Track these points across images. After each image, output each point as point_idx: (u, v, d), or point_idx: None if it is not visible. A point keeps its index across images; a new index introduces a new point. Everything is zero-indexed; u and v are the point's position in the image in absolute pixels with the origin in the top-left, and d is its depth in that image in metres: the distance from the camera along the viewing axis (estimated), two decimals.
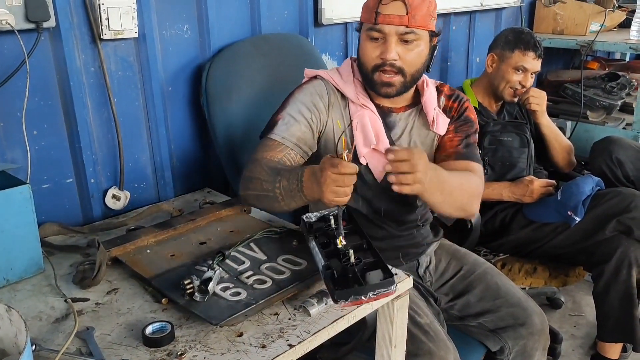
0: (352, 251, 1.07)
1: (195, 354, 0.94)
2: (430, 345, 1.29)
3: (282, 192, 1.21)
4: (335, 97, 1.42)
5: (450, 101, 1.48)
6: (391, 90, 1.35)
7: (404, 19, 1.28)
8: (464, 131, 1.45)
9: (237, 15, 1.78)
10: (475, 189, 1.37)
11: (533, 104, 2.10)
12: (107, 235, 1.40)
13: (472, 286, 1.54)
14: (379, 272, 1.05)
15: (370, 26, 1.31)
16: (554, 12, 3.00)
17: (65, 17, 1.39)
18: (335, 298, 1.00)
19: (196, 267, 1.18)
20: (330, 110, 1.40)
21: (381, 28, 1.30)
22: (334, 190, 1.08)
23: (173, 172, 1.73)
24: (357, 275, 1.04)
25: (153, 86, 1.60)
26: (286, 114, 1.36)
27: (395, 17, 1.28)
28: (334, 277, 1.05)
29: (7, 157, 1.38)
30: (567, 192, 1.93)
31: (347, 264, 1.06)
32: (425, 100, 1.43)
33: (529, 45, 2.04)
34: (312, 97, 1.39)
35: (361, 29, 1.38)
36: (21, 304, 1.10)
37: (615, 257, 1.84)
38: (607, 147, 2.18)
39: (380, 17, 1.29)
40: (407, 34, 1.30)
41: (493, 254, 2.09)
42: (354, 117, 1.40)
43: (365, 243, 1.17)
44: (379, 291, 1.01)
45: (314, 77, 1.45)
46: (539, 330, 1.47)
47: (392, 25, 1.28)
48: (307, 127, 1.36)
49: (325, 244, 1.18)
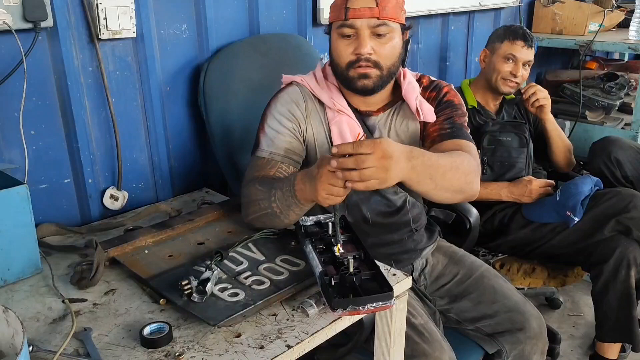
0: (352, 260, 1.07)
1: (193, 354, 0.93)
2: (425, 347, 1.28)
3: (278, 205, 1.20)
4: (312, 102, 1.39)
5: (427, 92, 1.43)
6: (368, 82, 1.31)
7: (375, 11, 1.25)
8: (445, 113, 1.39)
9: (236, 15, 1.77)
10: (470, 167, 1.26)
11: (541, 99, 2.10)
12: (105, 235, 1.40)
13: (468, 291, 1.51)
14: (377, 284, 1.04)
15: (340, 23, 1.28)
16: (552, 12, 3.00)
17: (62, 17, 1.39)
18: (334, 306, 0.99)
19: (194, 267, 1.17)
20: (308, 118, 1.38)
21: (352, 23, 1.27)
22: (328, 189, 1.07)
23: (171, 172, 1.72)
24: (355, 285, 1.03)
25: (151, 86, 1.60)
26: (268, 128, 1.35)
27: (365, 10, 1.25)
28: (332, 284, 1.04)
29: (5, 157, 1.38)
30: (566, 192, 1.93)
31: (345, 272, 1.06)
32: (405, 92, 1.39)
33: (517, 34, 2.07)
34: (288, 106, 1.37)
35: (331, 30, 1.34)
36: (18, 304, 1.10)
37: (614, 257, 1.84)
38: (606, 147, 2.18)
39: (350, 12, 1.26)
40: (379, 26, 1.27)
41: (492, 254, 2.09)
42: (332, 123, 1.37)
43: (362, 254, 1.15)
44: (378, 304, 1.00)
45: (289, 84, 1.42)
46: (536, 334, 1.45)
47: (364, 19, 1.26)
48: (291, 137, 1.35)
49: (322, 250, 1.17)
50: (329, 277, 1.05)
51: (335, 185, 1.06)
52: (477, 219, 1.78)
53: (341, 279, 1.05)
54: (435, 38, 2.64)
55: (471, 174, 1.25)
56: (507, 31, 2.09)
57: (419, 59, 2.56)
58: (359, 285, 1.04)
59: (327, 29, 1.37)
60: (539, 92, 2.10)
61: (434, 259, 1.59)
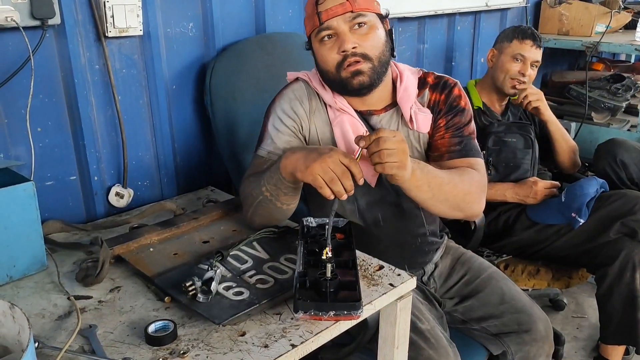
0: (329, 265, 1.04)
1: (198, 352, 0.94)
2: (430, 353, 1.27)
3: (267, 188, 1.20)
4: (316, 100, 1.38)
5: (435, 94, 1.39)
6: (364, 78, 1.28)
7: (347, 5, 1.24)
8: (455, 126, 1.37)
9: (242, 14, 1.77)
10: (471, 186, 1.28)
11: (533, 101, 2.09)
12: (110, 233, 1.40)
13: (476, 291, 1.50)
14: (349, 294, 1.03)
15: (317, 29, 1.27)
16: (559, 12, 2.99)
17: (70, 15, 1.39)
18: (295, 308, 0.99)
19: (199, 266, 1.18)
20: (311, 117, 1.37)
21: (329, 24, 1.25)
22: (325, 170, 1.07)
23: (176, 170, 1.73)
24: (327, 290, 1.02)
25: (157, 84, 1.60)
26: (270, 126, 1.35)
27: (337, 7, 1.24)
28: (305, 286, 1.04)
29: (11, 154, 1.38)
30: (571, 193, 1.92)
31: (322, 277, 1.04)
32: (399, 99, 1.36)
33: (526, 34, 2.06)
34: (291, 104, 1.36)
35: (311, 43, 1.33)
36: (24, 301, 1.10)
37: (619, 259, 1.84)
38: (612, 149, 2.17)
39: (322, 14, 1.25)
40: (355, 18, 1.25)
41: (496, 255, 2.09)
42: (334, 124, 1.35)
43: (351, 262, 1.13)
44: (341, 312, 0.99)
45: (295, 80, 1.41)
46: (543, 337, 1.44)
47: (338, 16, 1.24)
48: (292, 136, 1.34)
49: (314, 252, 1.15)
50: (305, 279, 1.05)
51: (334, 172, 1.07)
52: (482, 219, 1.77)
53: (316, 283, 1.04)
54: (441, 38, 2.63)
55: (472, 194, 1.28)
56: (516, 31, 2.08)
57: (424, 59, 2.56)
58: (331, 292, 1.02)
59: (307, 45, 1.35)
60: (531, 95, 2.09)
61: (442, 261, 1.58)
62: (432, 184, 1.20)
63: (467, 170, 1.31)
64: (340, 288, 1.04)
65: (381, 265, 1.21)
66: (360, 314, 1.00)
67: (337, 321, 1.01)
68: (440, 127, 1.38)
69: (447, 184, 1.24)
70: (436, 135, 1.39)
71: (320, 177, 1.08)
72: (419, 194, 1.20)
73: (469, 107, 1.41)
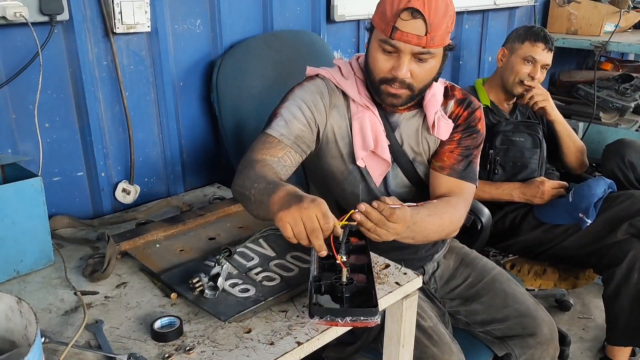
0: (345, 270, 1.03)
1: (204, 349, 0.94)
2: (434, 350, 1.27)
3: (253, 194, 1.12)
4: (336, 96, 1.37)
5: (459, 108, 1.41)
6: (397, 102, 1.31)
7: (422, 40, 1.21)
8: (466, 145, 1.40)
9: (249, 11, 1.77)
10: (452, 224, 1.33)
11: (539, 102, 2.08)
12: (116, 228, 1.40)
13: (479, 294, 1.50)
14: (365, 299, 1.01)
15: (384, 39, 1.24)
16: (568, 11, 2.97)
17: (78, 11, 1.39)
18: (312, 313, 0.97)
19: (205, 262, 1.18)
20: (330, 112, 1.36)
21: (396, 44, 1.22)
22: (295, 220, 0.96)
23: (183, 167, 1.73)
24: (343, 295, 1.01)
25: (164, 81, 1.60)
26: (286, 110, 1.31)
27: (413, 36, 1.20)
28: (320, 291, 1.03)
29: (19, 149, 1.39)
30: (579, 193, 1.91)
31: (337, 281, 1.03)
32: (426, 103, 1.37)
33: (539, 37, 2.04)
34: (312, 96, 1.34)
35: (372, 33, 1.30)
36: (31, 295, 1.11)
37: (626, 260, 1.83)
38: (620, 150, 2.15)
39: (397, 33, 1.21)
40: (422, 54, 1.24)
41: (502, 254, 2.08)
42: (354, 117, 1.35)
43: (367, 266, 1.12)
44: (358, 318, 0.97)
45: (315, 76, 1.40)
46: (547, 340, 1.44)
47: (409, 45, 1.22)
48: (305, 126, 1.31)
49: (328, 255, 1.11)
50: (320, 283, 1.04)
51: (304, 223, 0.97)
52: (489, 219, 1.77)
53: (332, 287, 1.03)
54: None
55: (452, 228, 1.35)
56: (528, 32, 2.06)
57: None
58: (347, 297, 1.01)
59: (369, 27, 1.33)
60: (537, 95, 2.07)
61: (445, 261, 1.58)
62: (417, 234, 1.24)
63: (453, 202, 1.34)
64: (356, 293, 1.03)
65: (387, 264, 1.21)
66: (377, 320, 0.98)
67: (353, 327, 1.00)
68: (453, 140, 1.40)
69: (434, 233, 1.30)
70: (446, 147, 1.40)
71: (289, 227, 0.97)
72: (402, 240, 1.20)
73: (483, 132, 1.44)
